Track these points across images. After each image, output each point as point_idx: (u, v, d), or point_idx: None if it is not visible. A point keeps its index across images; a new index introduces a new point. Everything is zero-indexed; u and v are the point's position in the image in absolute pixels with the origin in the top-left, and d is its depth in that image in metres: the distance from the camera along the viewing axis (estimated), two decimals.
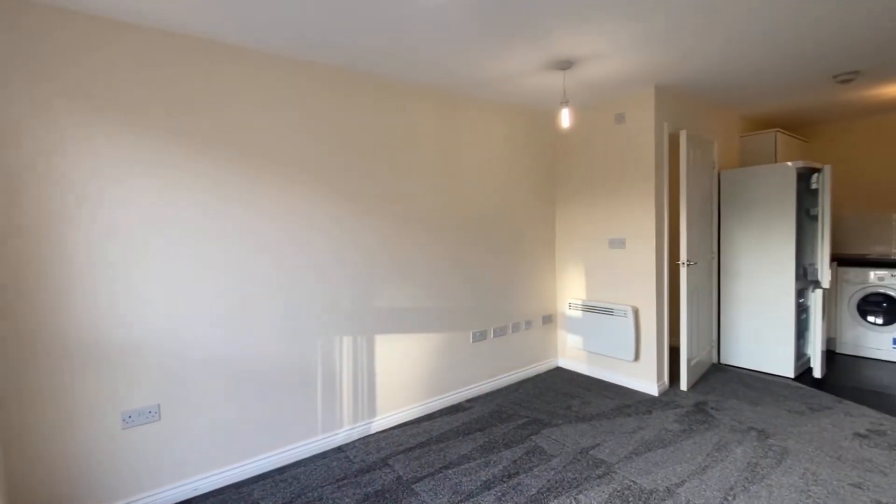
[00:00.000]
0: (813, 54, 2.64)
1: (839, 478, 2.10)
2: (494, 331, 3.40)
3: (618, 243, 3.39)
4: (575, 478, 2.16)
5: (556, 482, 2.14)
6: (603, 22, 2.07)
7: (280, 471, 2.34)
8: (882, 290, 3.78)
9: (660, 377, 3.24)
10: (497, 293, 3.41)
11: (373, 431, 2.75)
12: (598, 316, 3.49)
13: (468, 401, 3.19)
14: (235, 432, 2.26)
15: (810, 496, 1.96)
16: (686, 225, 3.19)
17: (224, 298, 2.21)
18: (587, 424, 2.74)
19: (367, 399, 2.74)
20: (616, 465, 2.26)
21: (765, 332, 3.55)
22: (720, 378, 3.47)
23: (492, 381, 3.39)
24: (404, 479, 2.22)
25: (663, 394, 3.20)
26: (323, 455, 2.49)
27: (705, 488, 2.04)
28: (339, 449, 2.55)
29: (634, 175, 3.25)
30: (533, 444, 2.52)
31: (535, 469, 2.26)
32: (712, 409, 2.92)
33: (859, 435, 2.50)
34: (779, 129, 4.07)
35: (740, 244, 3.67)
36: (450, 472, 2.26)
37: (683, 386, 3.26)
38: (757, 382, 3.35)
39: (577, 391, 3.30)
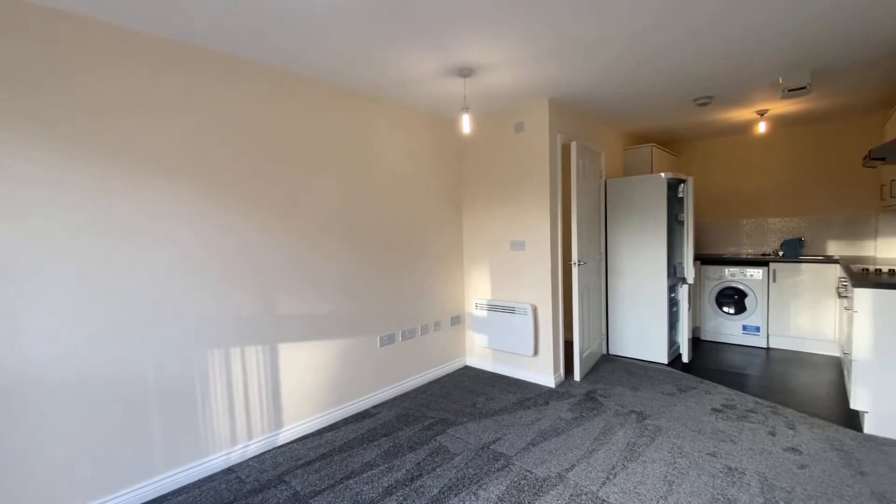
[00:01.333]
0: (677, 80, 3.03)
1: (699, 449, 2.41)
2: (403, 333, 3.39)
3: (518, 245, 3.57)
4: (475, 473, 2.22)
5: (458, 480, 2.17)
6: (499, 36, 2.17)
7: (158, 501, 2.08)
8: (734, 285, 4.45)
9: (556, 370, 3.47)
10: (406, 296, 3.40)
11: (272, 447, 2.57)
12: (501, 315, 3.65)
13: (375, 406, 3.13)
14: (101, 462, 1.97)
15: (675, 467, 2.23)
16: (577, 228, 3.46)
17: (84, 311, 1.91)
18: (490, 420, 2.84)
19: (266, 413, 2.56)
20: (514, 458, 2.36)
21: (644, 324, 3.98)
22: (609, 367, 3.82)
23: (400, 385, 3.36)
24: (301, 494, 2.11)
25: (560, 385, 3.43)
26: (211, 478, 2.27)
27: (591, 470, 2.22)
28: (231, 470, 2.34)
29: (532, 181, 3.45)
30: (437, 444, 2.54)
31: (438, 469, 2.28)
32: (601, 396, 3.19)
33: (715, 410, 2.90)
34: (654, 144, 4.61)
35: (623, 246, 4.08)
36: (351, 482, 2.19)
37: (577, 377, 3.53)
38: (638, 370, 3.74)
39: (482, 388, 3.41)
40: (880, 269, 3.06)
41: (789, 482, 2.08)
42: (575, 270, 3.49)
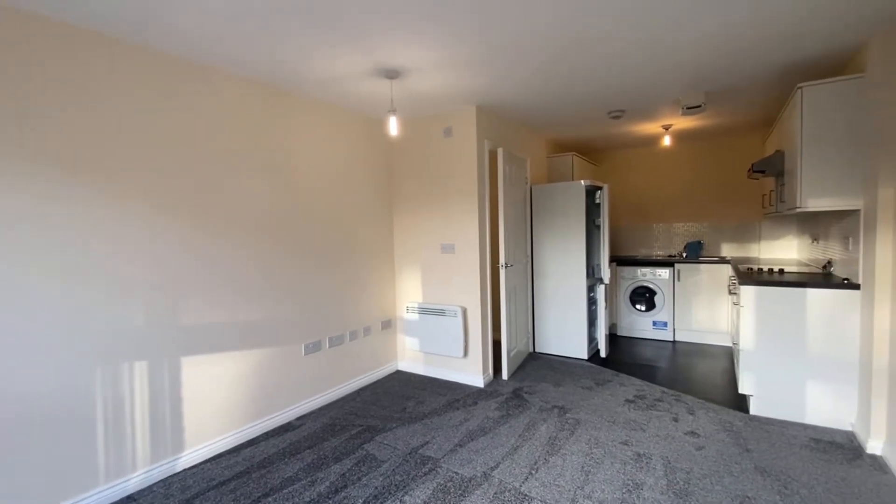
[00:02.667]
0: (593, 94, 3.24)
1: (613, 438, 2.57)
2: (330, 340, 3.27)
3: (449, 248, 3.61)
4: (402, 480, 2.20)
5: (385, 488, 2.13)
6: (425, 40, 2.17)
7: None
8: (645, 284, 4.83)
9: (485, 370, 3.55)
10: (333, 301, 3.29)
11: (180, 469, 2.36)
12: (432, 317, 3.66)
13: (300, 418, 2.99)
14: None
15: (592, 458, 2.36)
16: (504, 232, 3.57)
17: None
18: (419, 424, 2.83)
19: (171, 432, 2.34)
20: (442, 460, 2.37)
21: (566, 322, 4.20)
22: (534, 365, 3.97)
23: (327, 394, 3.25)
24: None
25: (488, 385, 3.50)
26: None
27: (515, 467, 2.29)
28: (131, 498, 2.11)
29: (461, 186, 3.51)
30: (364, 452, 2.48)
31: (364, 478, 2.22)
32: (526, 393, 3.31)
33: (628, 401, 3.13)
34: (575, 153, 4.90)
35: (548, 249, 4.27)
36: (270, 499, 2.07)
37: (505, 375, 3.63)
38: (561, 366, 3.93)
39: (413, 392, 3.39)
40: (762, 269, 3.48)
41: (688, 463, 2.29)
42: (502, 273, 3.59)
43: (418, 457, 2.41)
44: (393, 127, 2.72)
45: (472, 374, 3.54)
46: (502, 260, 3.58)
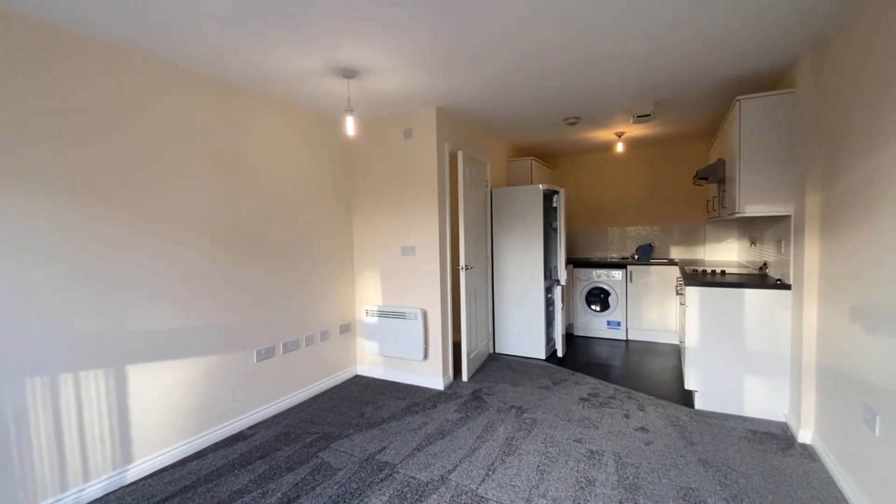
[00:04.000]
0: (549, 101, 3.32)
1: (567, 436, 2.63)
2: (285, 346, 3.17)
3: (409, 251, 3.58)
4: (358, 487, 2.15)
5: (339, 496, 2.08)
6: (378, 41, 2.15)
7: None
8: (600, 285, 5.00)
9: (445, 372, 3.55)
10: (289, 305, 3.19)
11: (118, 486, 2.20)
12: (392, 320, 3.62)
13: (252, 427, 2.87)
14: None
15: (547, 456, 2.40)
16: (465, 234, 3.59)
17: None
18: (377, 429, 2.78)
19: (110, 447, 2.19)
20: (399, 465, 2.34)
21: (525, 323, 4.27)
22: (494, 366, 4.01)
23: (282, 401, 3.14)
24: None
25: (448, 387, 3.50)
26: None
27: (472, 468, 2.29)
28: None
29: (421, 188, 3.49)
30: (319, 461, 2.41)
31: (319, 487, 2.16)
32: (486, 394, 3.33)
33: (583, 399, 3.21)
34: (534, 158, 5.00)
35: (507, 251, 4.33)
36: None
37: (465, 377, 3.64)
38: (520, 366, 3.99)
39: (372, 397, 3.34)
40: (706, 270, 3.68)
41: (638, 458, 2.37)
42: (463, 275, 3.61)
43: (375, 463, 2.37)
44: (350, 127, 2.67)
45: (433, 376, 3.53)
46: (462, 262, 3.60)
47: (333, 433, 2.75)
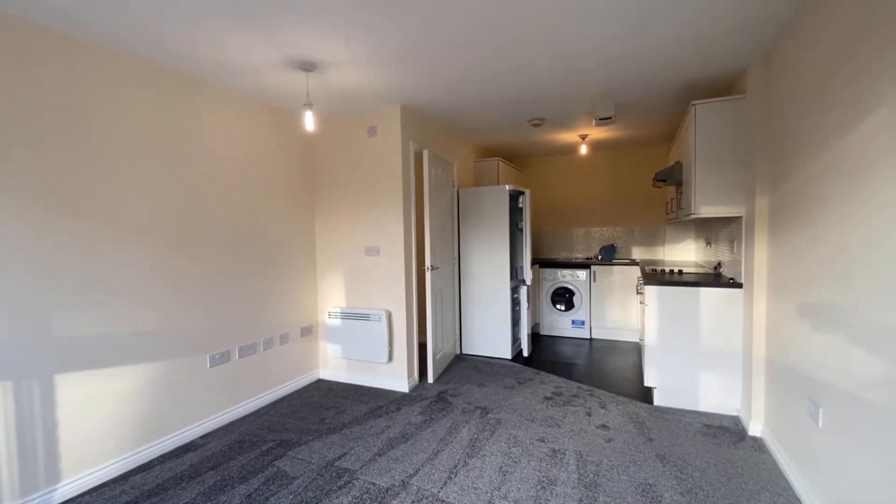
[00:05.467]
0: (514, 102, 3.33)
1: (531, 436, 2.63)
2: (241, 350, 3.03)
3: (373, 251, 3.51)
4: (315, 496, 2.07)
5: None
6: (336, 34, 2.08)
7: None
8: (565, 285, 5.07)
9: (410, 374, 3.49)
10: (245, 307, 3.05)
11: None
12: (355, 322, 3.53)
13: (204, 436, 2.73)
14: None
15: (510, 457, 2.39)
16: (430, 234, 3.54)
17: None
18: (338, 435, 2.70)
19: (42, 464, 2.01)
20: (359, 471, 2.27)
21: (491, 323, 4.27)
22: (460, 367, 3.99)
23: (238, 408, 3.00)
24: None
25: (413, 389, 3.45)
26: None
27: (434, 472, 2.25)
28: None
29: (386, 187, 3.43)
30: (275, 469, 2.31)
31: (273, 498, 2.06)
32: (451, 395, 3.30)
33: (546, 398, 3.23)
34: (500, 159, 5.02)
35: (474, 251, 4.32)
36: None
37: (431, 379, 3.60)
38: (486, 366, 3.99)
39: (334, 401, 3.24)
40: (665, 270, 3.78)
41: (599, 456, 2.40)
42: (428, 275, 3.56)
43: (334, 470, 2.29)
44: (309, 122, 2.58)
45: (397, 379, 3.46)
46: (428, 262, 3.55)
47: (291, 440, 2.64)
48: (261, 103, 3.17)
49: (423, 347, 3.75)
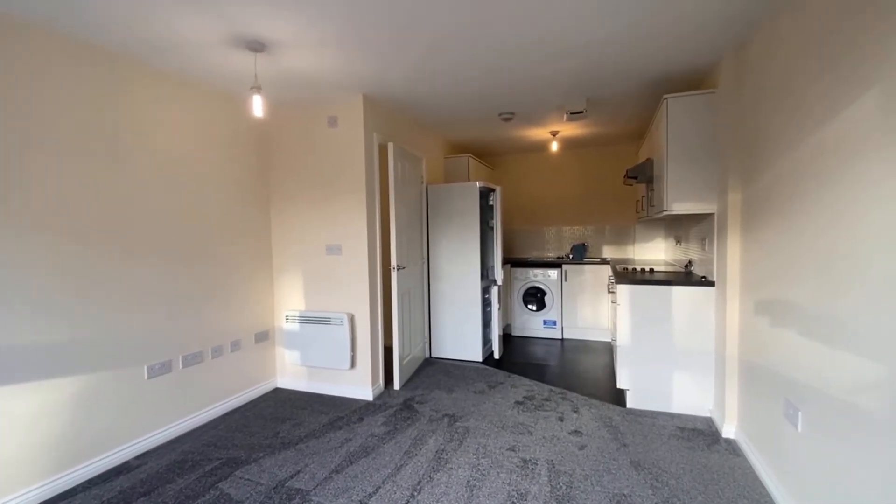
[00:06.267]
0: (483, 94, 3.19)
1: (500, 445, 2.48)
2: (184, 359, 2.75)
3: (335, 250, 3.29)
4: None
5: None
6: (284, 6, 1.87)
7: None
8: (536, 284, 4.97)
9: (375, 381, 3.29)
10: (189, 313, 2.78)
11: None
12: (315, 326, 3.30)
13: (140, 456, 2.45)
14: None
15: (478, 470, 2.23)
16: (396, 232, 3.35)
17: None
18: (293, 450, 2.47)
19: None
20: (312, 492, 2.06)
21: (462, 325, 4.11)
22: (430, 371, 3.81)
23: (182, 423, 2.72)
24: None
25: (378, 397, 3.25)
26: None
27: (396, 490, 2.07)
28: None
29: (349, 181, 3.22)
30: (218, 492, 2.07)
31: None
32: (418, 403, 3.12)
33: (518, 403, 3.09)
34: (471, 155, 4.87)
35: (444, 250, 4.15)
36: None
37: (397, 385, 3.40)
38: (456, 370, 3.82)
39: (291, 413, 3.00)
40: (636, 269, 3.72)
41: (571, 465, 2.27)
42: (394, 275, 3.37)
43: (285, 491, 2.07)
44: (257, 107, 2.35)
45: (361, 386, 3.25)
46: (394, 262, 3.36)
47: (240, 458, 2.40)
48: (208, 88, 2.90)
49: (389, 352, 3.55)
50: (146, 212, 2.52)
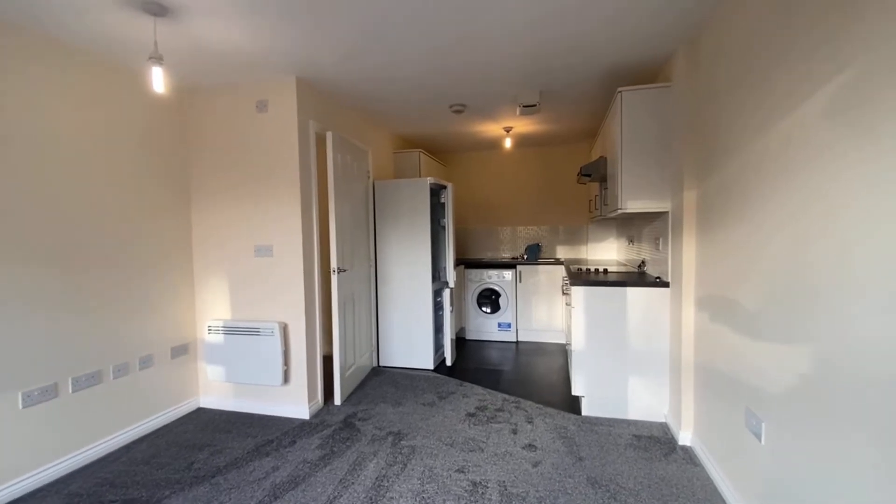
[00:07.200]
0: (431, 83, 2.96)
1: (449, 466, 2.25)
2: (75, 382, 2.31)
3: (265, 251, 2.93)
4: None
5: None
6: None
7: None
8: (491, 286, 4.79)
9: (312, 397, 2.96)
10: (82, 327, 2.34)
11: None
12: (243, 338, 2.92)
13: (15, 501, 2.00)
14: None
15: (423, 498, 1.98)
16: (336, 231, 3.04)
17: None
18: (207, 485, 2.11)
19: None
20: None
21: (412, 330, 3.85)
22: (376, 382, 3.52)
23: (71, 459, 2.28)
24: None
25: (315, 415, 2.92)
26: None
27: None
28: None
29: (281, 174, 2.87)
30: None
31: None
32: (360, 419, 2.83)
33: (469, 415, 2.88)
34: (422, 150, 4.62)
35: (393, 251, 3.88)
36: None
37: (338, 400, 3.09)
38: (405, 380, 3.56)
39: (211, 438, 2.62)
40: (590, 269, 3.61)
41: (525, 486, 2.07)
42: (335, 279, 3.06)
43: None
44: (157, 81, 1.97)
45: (295, 404, 2.91)
46: (334, 264, 3.05)
47: (140, 499, 2.01)
48: (97, 59, 2.47)
49: (331, 363, 3.23)
50: (34, 205, 2.07)
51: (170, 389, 2.89)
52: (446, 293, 3.97)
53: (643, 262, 3.40)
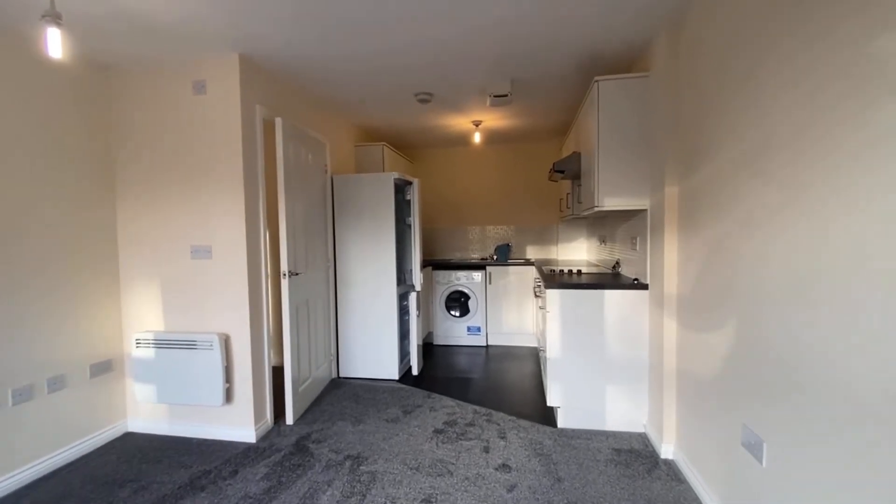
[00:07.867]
0: (394, 67, 2.70)
1: (413, 496, 1.99)
2: None
3: (203, 252, 2.57)
4: None
5: None
6: None
7: None
8: (460, 288, 4.56)
9: (260, 417, 2.63)
10: None
11: None
12: (177, 352, 2.55)
13: None
14: None
15: None
16: (287, 229, 2.72)
17: None
18: None
19: None
20: None
21: (375, 338, 3.56)
22: (335, 396, 3.21)
23: None
24: None
25: (263, 437, 2.59)
26: None
27: None
28: None
29: (223, 165, 2.53)
30: None
31: None
32: (315, 441, 2.52)
33: (437, 431, 2.63)
34: (386, 144, 4.33)
35: (353, 251, 3.57)
36: None
37: (290, 419, 2.77)
38: (367, 393, 3.26)
39: (137, 470, 2.25)
40: (563, 270, 3.44)
41: None
42: (285, 283, 2.73)
43: None
44: (54, 44, 1.61)
45: (240, 426, 2.57)
46: (285, 267, 2.72)
47: None
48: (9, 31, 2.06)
49: (282, 376, 2.90)
50: None
51: (89, 414, 2.48)
52: (412, 297, 3.70)
53: (617, 262, 3.26)
